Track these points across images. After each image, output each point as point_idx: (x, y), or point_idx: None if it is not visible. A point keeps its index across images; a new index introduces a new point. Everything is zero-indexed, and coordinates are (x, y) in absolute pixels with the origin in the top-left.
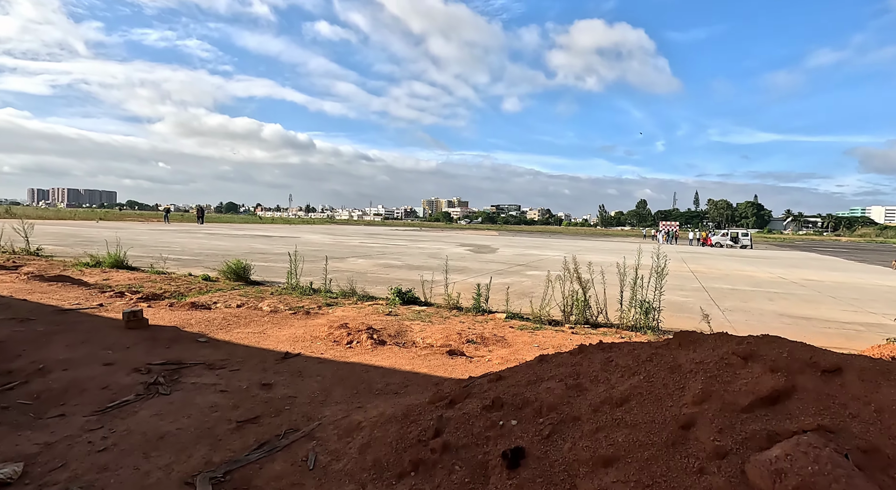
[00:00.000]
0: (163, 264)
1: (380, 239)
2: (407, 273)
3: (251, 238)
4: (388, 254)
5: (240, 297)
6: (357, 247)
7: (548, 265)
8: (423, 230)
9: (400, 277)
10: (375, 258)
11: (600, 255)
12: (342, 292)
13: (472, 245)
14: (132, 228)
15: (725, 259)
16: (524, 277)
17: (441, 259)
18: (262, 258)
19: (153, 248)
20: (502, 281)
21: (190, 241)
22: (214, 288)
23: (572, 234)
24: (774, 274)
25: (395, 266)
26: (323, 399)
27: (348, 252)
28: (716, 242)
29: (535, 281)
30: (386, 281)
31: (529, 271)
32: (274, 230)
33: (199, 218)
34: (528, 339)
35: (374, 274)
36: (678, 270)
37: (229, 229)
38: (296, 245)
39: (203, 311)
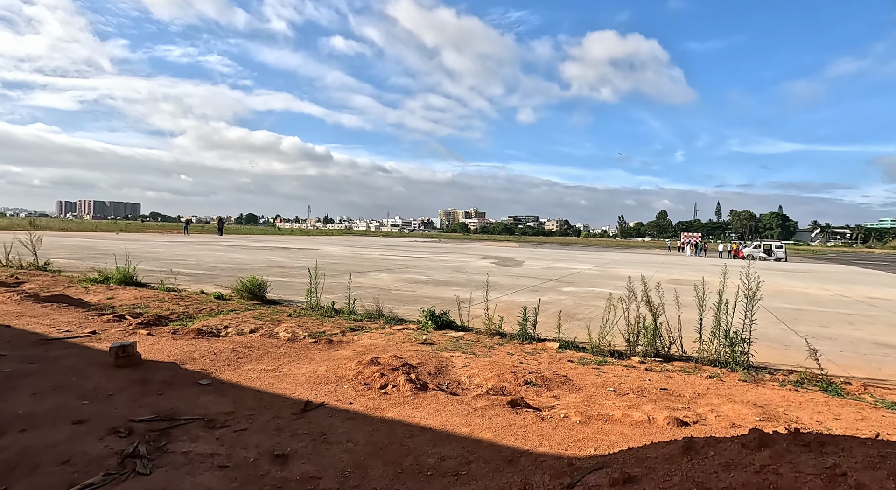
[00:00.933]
0: (174, 280)
1: (400, 251)
2: (434, 289)
3: (269, 250)
4: (410, 267)
5: (254, 320)
6: (378, 259)
7: (581, 280)
8: (443, 241)
9: (427, 294)
10: (398, 272)
11: (632, 268)
12: (367, 314)
13: (495, 258)
14: (151, 241)
15: (768, 273)
16: (562, 295)
17: (467, 273)
18: (279, 273)
19: (168, 261)
20: (538, 299)
21: (207, 253)
22: (227, 308)
23: (594, 246)
24: (830, 290)
25: (421, 281)
26: (357, 484)
27: (369, 265)
28: (748, 255)
29: (576, 299)
30: (413, 299)
31: (565, 287)
32: (292, 242)
33: (218, 230)
34: (595, 377)
35: (398, 290)
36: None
37: (248, 241)
38: (315, 259)
39: (210, 340)
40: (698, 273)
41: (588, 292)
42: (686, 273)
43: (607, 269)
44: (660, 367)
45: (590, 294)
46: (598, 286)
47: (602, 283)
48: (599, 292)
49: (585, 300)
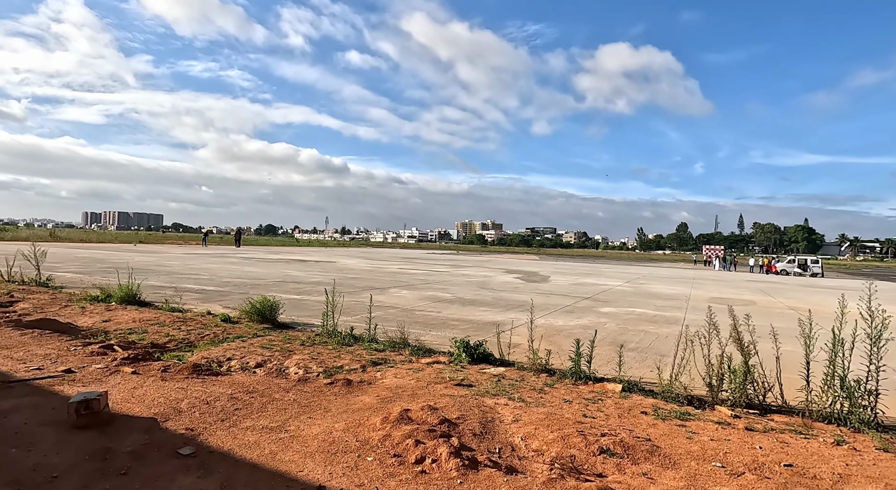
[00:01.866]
0: (180, 299)
1: (419, 264)
2: (461, 310)
3: (286, 263)
4: (432, 283)
5: (262, 351)
6: (397, 274)
7: (616, 298)
8: (461, 254)
9: (455, 316)
10: (420, 289)
11: (665, 284)
12: (390, 343)
13: (519, 272)
14: (167, 252)
15: (814, 292)
16: (601, 316)
17: (493, 290)
18: (294, 289)
19: (180, 275)
20: (577, 322)
21: (222, 266)
22: (233, 334)
23: (615, 259)
24: None
25: (445, 300)
26: None
27: (389, 281)
28: (781, 269)
29: (618, 323)
30: (439, 322)
31: (602, 307)
32: (310, 254)
33: (236, 241)
34: (687, 442)
35: (422, 311)
36: (772, 306)
37: (265, 253)
38: (333, 274)
39: (206, 381)
40: (738, 290)
41: (629, 314)
42: (725, 290)
43: (639, 285)
44: (760, 423)
45: (631, 316)
46: (637, 306)
47: (640, 302)
48: (641, 314)
49: (629, 324)
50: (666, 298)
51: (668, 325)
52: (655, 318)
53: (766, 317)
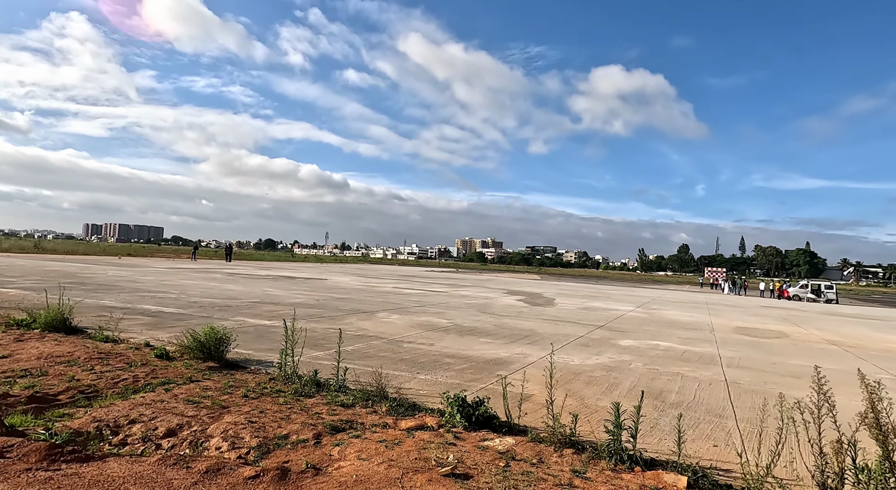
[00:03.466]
0: (120, 325)
1: (415, 283)
2: (458, 342)
3: (272, 280)
4: (427, 306)
5: (185, 407)
6: (390, 294)
7: (633, 327)
8: (460, 272)
9: (450, 350)
10: (413, 313)
11: (680, 310)
12: (363, 393)
13: (521, 293)
14: (148, 267)
15: (841, 321)
16: (622, 352)
17: (494, 315)
18: (269, 312)
19: (145, 293)
20: (596, 360)
21: (199, 283)
22: (160, 378)
23: (618, 280)
24: None
25: (440, 328)
26: None
27: (379, 303)
28: (794, 295)
29: (645, 361)
30: (431, 359)
31: (621, 339)
32: (302, 270)
33: (227, 256)
34: None
35: (412, 342)
36: (808, 339)
37: (255, 269)
38: (318, 296)
39: (55, 480)
40: (760, 319)
41: (653, 349)
42: (747, 319)
43: (653, 311)
44: None
45: (657, 352)
46: (659, 338)
47: (661, 333)
48: (667, 349)
49: (658, 363)
50: (687, 328)
51: (704, 365)
52: (686, 356)
53: (810, 354)
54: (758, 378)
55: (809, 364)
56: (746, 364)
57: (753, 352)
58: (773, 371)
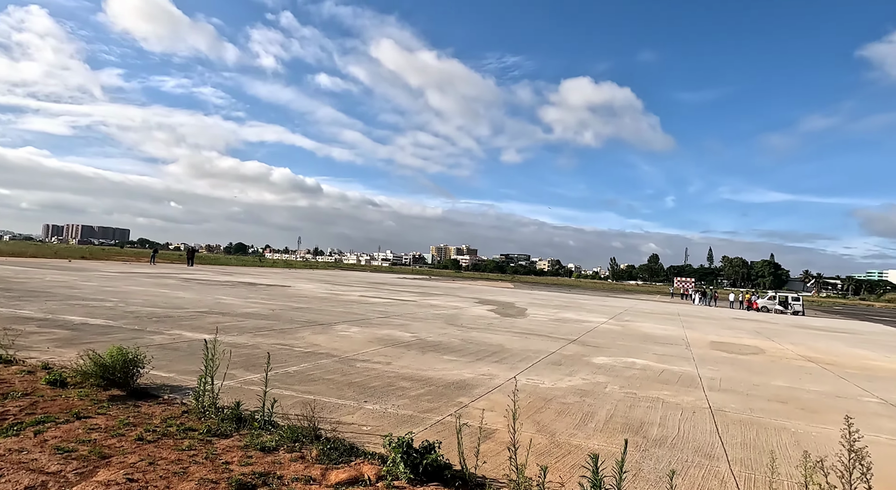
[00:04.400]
0: (12, 344)
1: (384, 291)
2: (419, 361)
3: (230, 287)
4: (392, 316)
5: (49, 458)
6: (354, 303)
7: (607, 341)
8: (433, 279)
9: (408, 372)
10: (375, 325)
11: (653, 322)
12: (290, 433)
13: (493, 303)
14: (98, 271)
15: (812, 335)
16: (596, 372)
17: (462, 327)
18: (212, 325)
19: (78, 301)
20: (569, 383)
21: (146, 290)
22: (37, 414)
23: (590, 289)
24: None
25: (402, 343)
26: None
27: (340, 313)
28: (762, 306)
29: (622, 383)
30: (385, 382)
31: (595, 356)
32: (267, 276)
33: (188, 260)
34: None
35: (367, 360)
36: (784, 355)
37: (216, 274)
38: (274, 305)
39: None
40: (733, 332)
41: (629, 368)
42: (721, 332)
43: (626, 323)
44: None
45: (634, 372)
46: (635, 354)
47: (636, 348)
48: (644, 368)
49: (636, 386)
50: (663, 342)
51: (685, 388)
52: (665, 376)
53: (790, 374)
54: (743, 404)
55: (794, 385)
56: (729, 386)
57: (734, 371)
58: (758, 394)
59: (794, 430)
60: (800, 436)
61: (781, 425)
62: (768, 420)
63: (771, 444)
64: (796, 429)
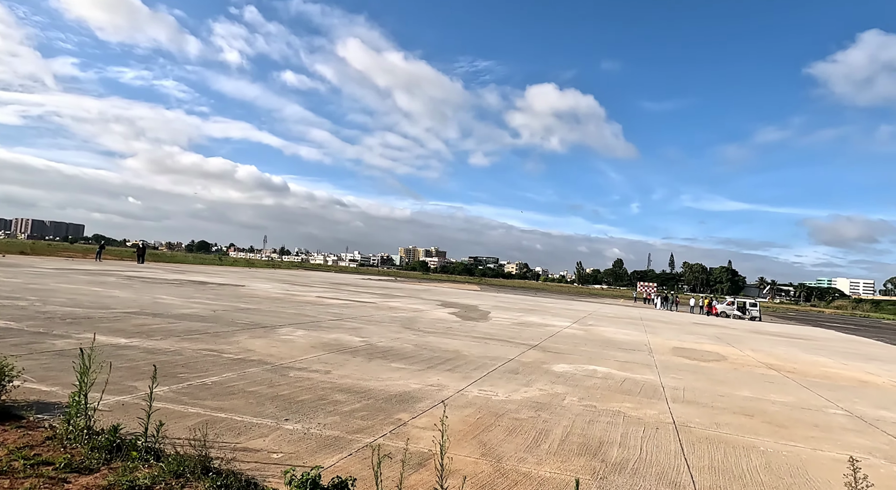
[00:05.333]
0: None
1: (344, 293)
2: (362, 369)
3: (176, 286)
4: (346, 319)
5: None
6: (309, 305)
7: (569, 347)
8: (399, 281)
9: (348, 382)
10: (324, 329)
11: (616, 326)
12: (175, 465)
13: (456, 306)
14: (30, 267)
15: (771, 341)
16: (555, 381)
17: (419, 332)
18: (137, 327)
19: None
20: (525, 394)
21: (76, 288)
22: None
23: (556, 292)
24: (885, 375)
25: (348, 349)
26: None
27: (290, 315)
28: (721, 312)
29: (581, 394)
30: (317, 395)
31: (555, 364)
32: (224, 275)
33: (138, 257)
34: None
35: (302, 370)
36: (747, 363)
37: (166, 272)
38: (219, 306)
39: None
40: (695, 337)
41: (590, 377)
42: (683, 337)
43: (589, 327)
44: None
45: (595, 381)
46: (597, 361)
47: (598, 355)
48: (606, 376)
49: (597, 397)
50: (625, 348)
51: (647, 399)
52: (626, 386)
53: (754, 382)
54: (708, 418)
55: (758, 396)
56: (693, 397)
57: (697, 380)
58: (723, 407)
59: (764, 448)
60: (770, 456)
61: (750, 443)
62: (736, 437)
63: (741, 467)
64: (766, 448)
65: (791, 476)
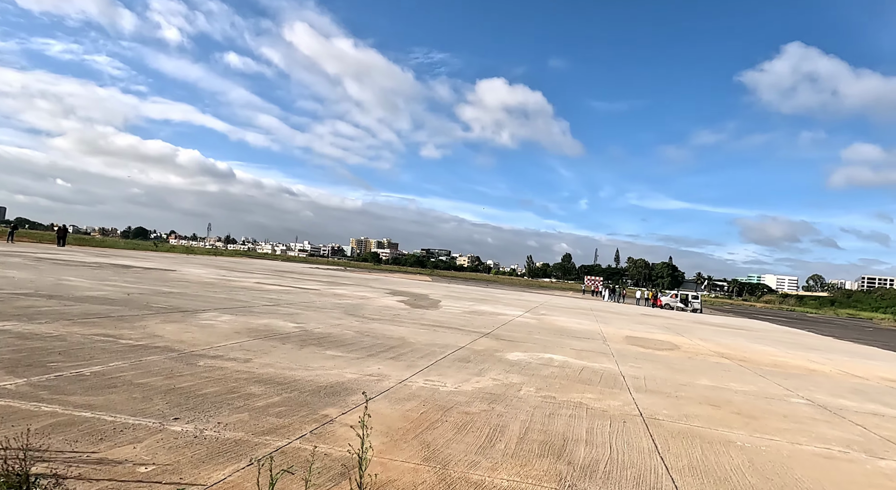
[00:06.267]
0: None
1: (287, 279)
2: (290, 357)
3: (93, 268)
4: (283, 304)
5: None
6: (244, 290)
7: (523, 336)
8: (349, 271)
9: (269, 373)
10: (255, 314)
11: (568, 316)
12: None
13: (406, 294)
14: None
15: (717, 331)
16: (509, 370)
17: (362, 319)
18: (22, 310)
19: None
20: (477, 384)
21: None
22: None
23: (507, 285)
24: (828, 364)
25: (279, 335)
26: None
27: (220, 300)
28: (665, 304)
29: (539, 384)
30: (225, 388)
31: (509, 352)
32: (155, 260)
33: (59, 239)
34: None
35: (217, 358)
36: (699, 351)
37: (88, 255)
38: (136, 289)
39: None
40: (645, 327)
41: (547, 365)
42: (634, 327)
43: (542, 316)
44: None
45: (552, 370)
46: (553, 350)
47: (553, 343)
48: (563, 365)
49: (555, 388)
50: (580, 337)
51: (609, 389)
52: (585, 375)
53: (711, 371)
54: (675, 409)
55: (719, 385)
56: (654, 386)
57: (655, 368)
58: (687, 396)
59: (741, 444)
60: (750, 453)
61: (725, 438)
62: (709, 431)
63: (723, 466)
64: (742, 442)
65: (779, 476)
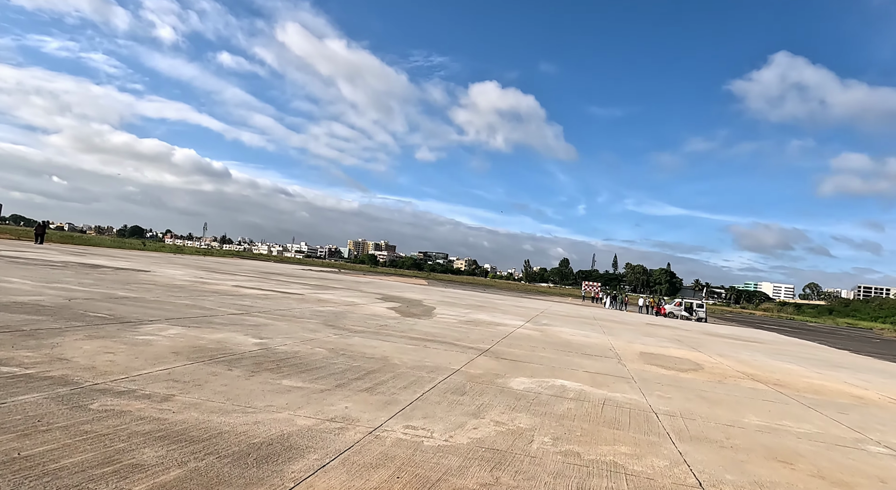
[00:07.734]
0: None
1: (271, 283)
2: (231, 390)
3: (55, 268)
4: (253, 313)
5: None
6: (215, 294)
7: (526, 353)
8: (343, 273)
9: (187, 419)
10: (213, 326)
11: (572, 326)
12: None
13: (398, 300)
14: None
15: (731, 344)
16: (517, 407)
17: (343, 330)
18: None
19: None
20: (474, 433)
21: None
22: None
23: (504, 289)
24: (869, 388)
25: (228, 357)
26: None
27: (181, 306)
28: (669, 312)
29: (556, 432)
30: (97, 454)
31: (513, 378)
32: (133, 259)
33: (36, 237)
34: None
35: (124, 394)
36: (727, 374)
37: (63, 254)
38: (83, 293)
39: None
40: (656, 340)
41: (559, 396)
42: (645, 340)
43: (544, 327)
44: None
45: (566, 404)
46: (563, 374)
47: (562, 363)
48: (579, 395)
49: (576, 437)
50: (590, 354)
51: (645, 436)
52: (610, 413)
53: (751, 402)
54: (739, 471)
55: (772, 424)
56: (698, 430)
57: (688, 400)
58: (744, 446)
59: None
60: None
61: None
62: None
63: None
64: None
65: None
